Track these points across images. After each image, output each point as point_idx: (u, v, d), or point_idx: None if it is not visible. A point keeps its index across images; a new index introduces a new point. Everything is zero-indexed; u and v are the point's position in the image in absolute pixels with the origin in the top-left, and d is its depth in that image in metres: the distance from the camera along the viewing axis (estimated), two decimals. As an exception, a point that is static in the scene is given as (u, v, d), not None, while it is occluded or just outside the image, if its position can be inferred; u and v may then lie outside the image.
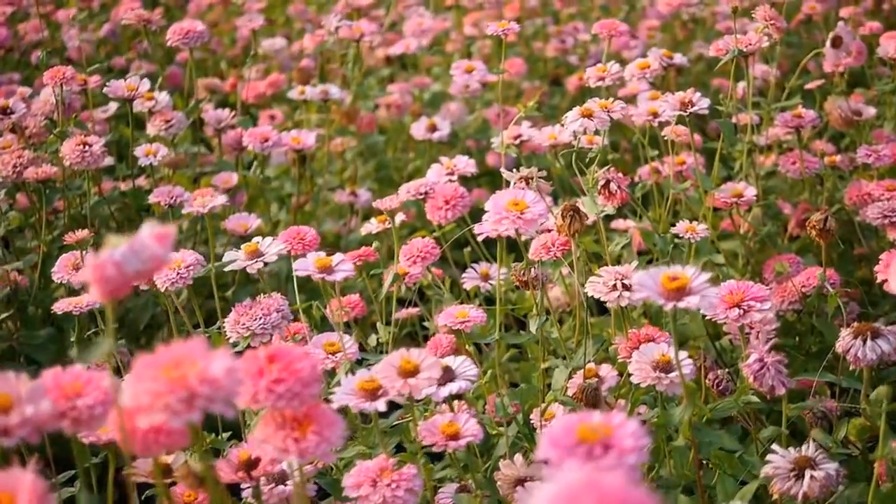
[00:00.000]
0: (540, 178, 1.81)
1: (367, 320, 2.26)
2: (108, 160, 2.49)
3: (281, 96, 3.18)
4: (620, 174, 1.83)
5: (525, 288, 1.64)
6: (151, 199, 2.13)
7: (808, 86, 2.62)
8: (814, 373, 1.68)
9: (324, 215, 2.80)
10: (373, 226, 1.99)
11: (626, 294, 1.53)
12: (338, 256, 1.42)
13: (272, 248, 1.52)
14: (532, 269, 1.61)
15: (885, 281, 1.46)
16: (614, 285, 1.53)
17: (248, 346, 1.48)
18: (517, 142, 2.21)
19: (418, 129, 2.59)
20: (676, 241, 1.89)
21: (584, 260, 1.95)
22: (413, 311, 2.10)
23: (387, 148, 3.19)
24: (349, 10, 3.14)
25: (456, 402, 1.73)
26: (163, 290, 1.53)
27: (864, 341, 1.36)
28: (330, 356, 1.45)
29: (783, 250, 2.27)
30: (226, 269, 1.52)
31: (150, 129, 2.44)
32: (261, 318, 1.47)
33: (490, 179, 3.04)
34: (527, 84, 3.39)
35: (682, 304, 1.17)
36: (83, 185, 2.33)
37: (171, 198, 2.11)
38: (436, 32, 3.56)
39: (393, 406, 1.33)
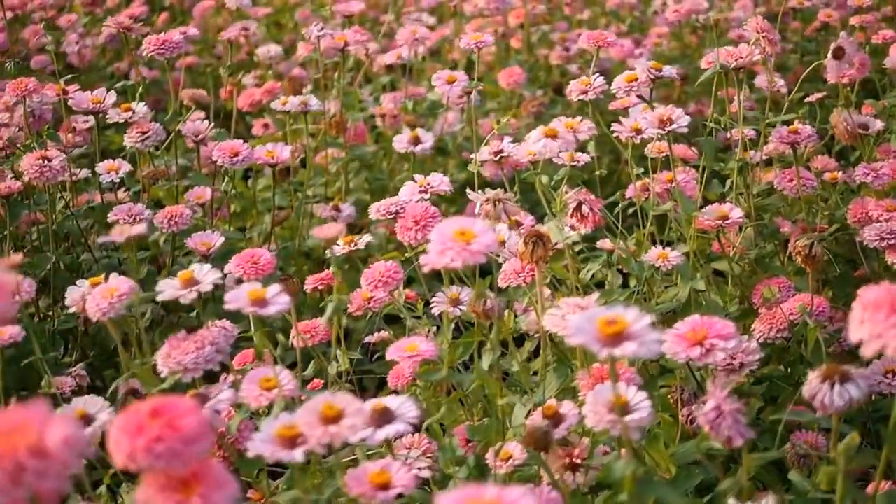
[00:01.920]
0: (508, 199, 1.72)
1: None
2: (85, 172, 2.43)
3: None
4: (592, 195, 1.73)
5: (483, 319, 1.55)
6: (111, 216, 2.06)
7: (809, 98, 2.51)
8: (798, 411, 1.58)
9: (310, 229, 2.72)
10: (338, 248, 1.91)
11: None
12: (273, 288, 1.33)
13: (208, 276, 1.43)
14: (488, 301, 1.52)
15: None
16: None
17: (182, 382, 1.40)
18: (498, 157, 2.12)
19: (400, 142, 2.50)
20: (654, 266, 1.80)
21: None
22: (383, 335, 2.02)
23: (384, 159, 3.10)
24: (342, 19, 3.06)
25: (417, 435, 1.65)
26: (94, 320, 1.45)
27: (833, 386, 1.26)
28: (265, 393, 1.37)
29: (779, 272, 2.16)
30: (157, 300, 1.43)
31: (127, 141, 2.37)
32: (193, 353, 1.38)
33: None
34: (528, 93, 3.29)
35: (618, 352, 1.07)
36: (52, 198, 2.26)
37: (132, 216, 2.04)
38: (436, 40, 3.48)
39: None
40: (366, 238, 1.92)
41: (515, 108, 3.16)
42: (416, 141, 2.51)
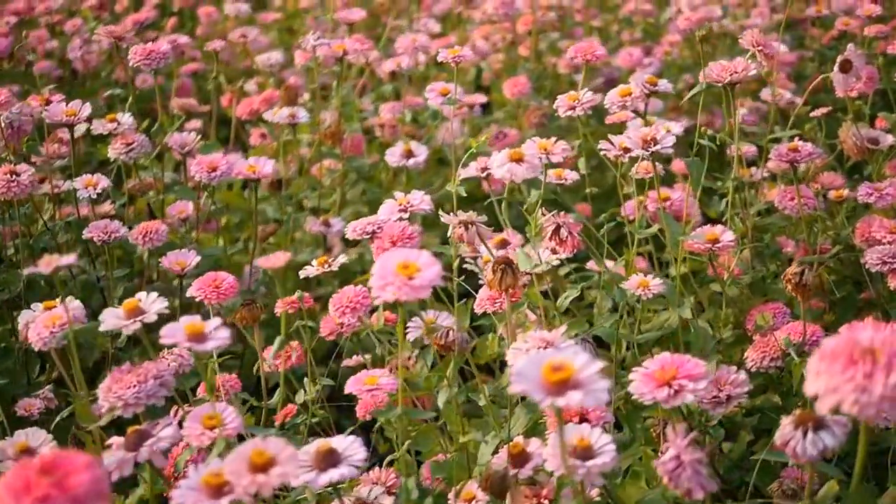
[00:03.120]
0: (481, 222, 1.65)
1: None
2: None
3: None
4: (571, 218, 1.65)
5: (444, 352, 1.47)
6: (85, 233, 1.99)
7: (814, 113, 2.41)
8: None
9: (301, 244, 2.65)
10: (312, 269, 1.84)
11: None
12: (213, 322, 1.26)
13: (154, 305, 1.36)
14: (450, 332, 1.44)
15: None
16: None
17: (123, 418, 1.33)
18: (484, 174, 2.03)
19: (393, 156, 2.43)
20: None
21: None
22: (357, 360, 1.94)
23: (383, 170, 3.03)
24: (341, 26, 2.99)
25: (384, 470, 1.57)
26: (37, 349, 1.38)
27: (805, 434, 1.17)
28: (206, 432, 1.29)
29: (778, 295, 2.07)
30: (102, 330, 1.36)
31: (111, 153, 2.31)
32: (134, 387, 1.31)
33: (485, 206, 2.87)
34: (534, 103, 3.20)
35: (561, 401, 0.99)
36: (36, 211, 2.21)
37: (107, 233, 1.98)
38: (438, 48, 3.39)
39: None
40: (340, 259, 1.84)
41: (520, 118, 3.08)
42: (409, 154, 2.44)
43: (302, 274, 1.84)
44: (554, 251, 1.70)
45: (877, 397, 0.93)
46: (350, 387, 1.49)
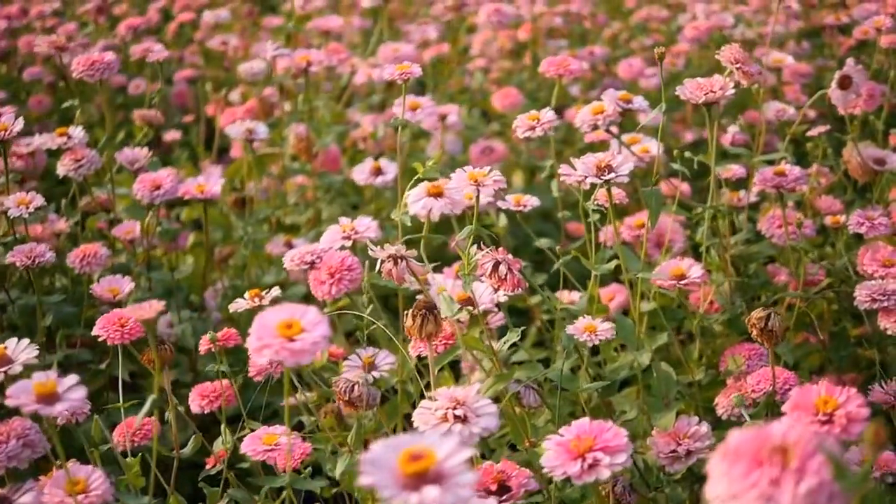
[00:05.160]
0: (411, 256, 1.49)
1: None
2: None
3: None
4: (509, 254, 1.49)
5: (349, 408, 1.31)
6: (8, 258, 1.86)
7: (811, 133, 2.23)
8: None
9: (269, 265, 2.50)
10: (243, 303, 1.69)
11: (469, 429, 1.19)
12: (69, 380, 1.11)
13: (23, 354, 1.22)
14: (356, 387, 1.29)
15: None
16: (445, 415, 1.20)
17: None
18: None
19: (361, 173, 2.28)
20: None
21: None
22: (299, 398, 1.79)
23: (368, 186, 2.88)
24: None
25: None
26: None
27: None
28: (66, 499, 1.15)
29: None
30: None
31: (60, 170, 2.18)
32: (-7, 447, 1.17)
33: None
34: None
35: (414, 499, 0.84)
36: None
37: (31, 258, 1.84)
38: (432, 56, 3.24)
39: None
40: (273, 292, 1.69)
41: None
42: (378, 172, 2.29)
43: (231, 308, 1.70)
44: (495, 289, 1.54)
45: (783, 510, 0.77)
46: (245, 446, 1.34)
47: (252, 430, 1.45)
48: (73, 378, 1.11)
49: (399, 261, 1.47)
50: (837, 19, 3.37)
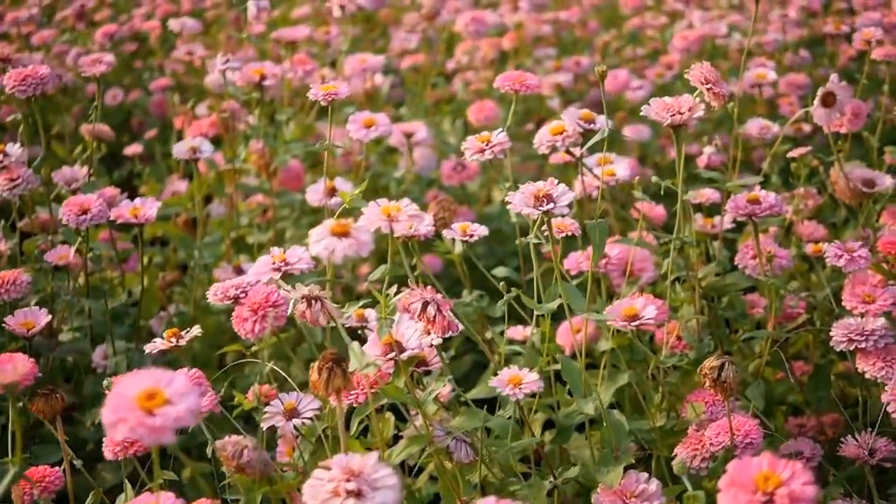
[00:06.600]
0: (326, 297, 1.35)
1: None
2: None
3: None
4: (439, 294, 1.35)
5: (240, 473, 1.17)
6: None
7: (791, 154, 2.08)
8: None
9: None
10: (159, 343, 1.56)
11: None
12: None
13: None
14: (245, 452, 1.15)
15: None
16: (336, 489, 1.05)
17: None
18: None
19: (314, 193, 2.14)
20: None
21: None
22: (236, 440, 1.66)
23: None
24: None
25: None
26: None
27: None
28: None
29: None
30: None
31: (-8, 190, 2.05)
32: None
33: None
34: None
35: None
36: None
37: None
38: (410, 64, 3.10)
39: None
40: (194, 331, 1.56)
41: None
42: (333, 192, 2.15)
43: (147, 349, 1.56)
44: (426, 332, 1.40)
45: None
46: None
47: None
48: None
49: (313, 302, 1.33)
50: (837, 28, 3.21)
